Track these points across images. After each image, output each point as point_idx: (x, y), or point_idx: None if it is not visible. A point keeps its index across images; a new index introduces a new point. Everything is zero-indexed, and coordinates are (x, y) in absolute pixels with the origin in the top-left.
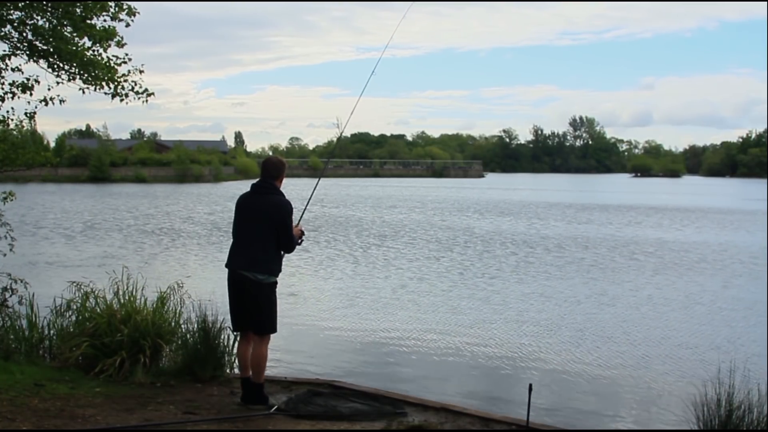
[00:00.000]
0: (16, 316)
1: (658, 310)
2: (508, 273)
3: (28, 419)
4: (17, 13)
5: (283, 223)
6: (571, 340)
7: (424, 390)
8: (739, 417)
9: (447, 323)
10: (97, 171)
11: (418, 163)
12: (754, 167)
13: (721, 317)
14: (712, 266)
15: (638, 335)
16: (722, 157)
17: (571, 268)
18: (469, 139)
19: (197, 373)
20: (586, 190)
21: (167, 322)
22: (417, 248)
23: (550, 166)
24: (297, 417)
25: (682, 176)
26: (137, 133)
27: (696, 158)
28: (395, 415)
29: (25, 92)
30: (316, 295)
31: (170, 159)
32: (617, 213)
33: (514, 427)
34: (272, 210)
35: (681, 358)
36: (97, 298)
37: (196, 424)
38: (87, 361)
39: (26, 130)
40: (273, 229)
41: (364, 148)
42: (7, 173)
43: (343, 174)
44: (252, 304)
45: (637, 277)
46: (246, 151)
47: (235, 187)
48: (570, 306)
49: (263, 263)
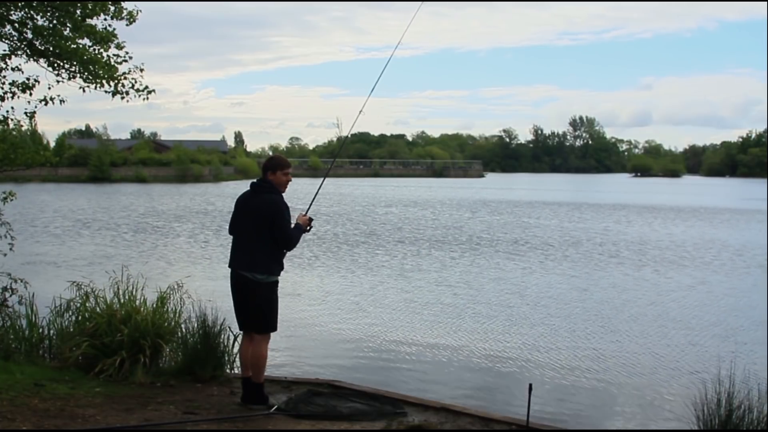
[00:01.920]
0: (16, 316)
1: (658, 310)
2: (508, 273)
3: (28, 419)
4: (17, 13)
5: (276, 222)
6: (571, 340)
7: (424, 390)
8: (739, 417)
9: (447, 323)
10: (97, 171)
11: (418, 163)
12: (754, 167)
13: (721, 317)
14: (711, 267)
15: (638, 335)
16: (722, 157)
17: (570, 269)
18: (469, 139)
19: (197, 373)
20: (583, 189)
21: (167, 322)
22: (417, 249)
23: (550, 166)
24: (297, 417)
25: (682, 176)
26: (137, 133)
27: (696, 158)
28: (395, 415)
29: (25, 92)
30: (317, 295)
31: (170, 159)
32: (617, 213)
33: (514, 427)
34: (265, 208)
35: (681, 357)
36: (97, 298)
37: (196, 424)
38: (87, 361)
39: (26, 129)
40: (268, 227)
41: (364, 148)
42: (6, 173)
43: (343, 174)
44: (252, 304)
45: (637, 277)
46: (246, 151)
47: (236, 187)
48: (570, 306)
49: (261, 263)
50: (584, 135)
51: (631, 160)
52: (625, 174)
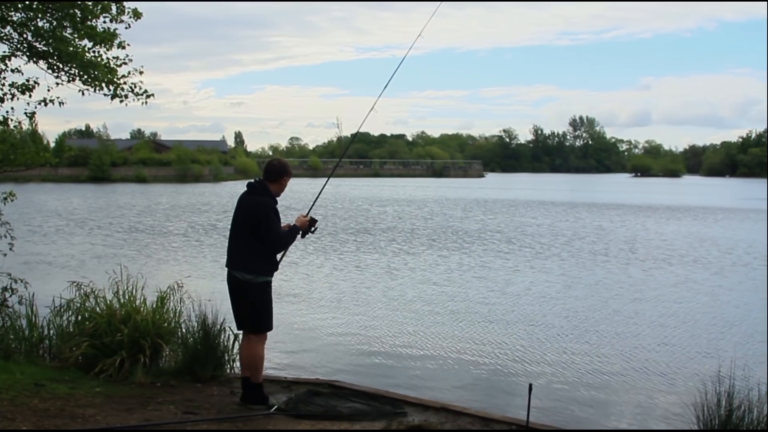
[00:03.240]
0: (16, 316)
1: (658, 310)
2: (507, 272)
3: (28, 419)
4: (18, 14)
5: (263, 224)
6: (571, 340)
7: (424, 390)
8: (739, 417)
9: (447, 323)
10: (97, 171)
11: (418, 163)
12: (754, 167)
13: (721, 317)
14: (711, 266)
15: (638, 335)
16: (722, 157)
17: (569, 268)
18: (469, 139)
19: (197, 373)
20: (583, 189)
21: (167, 322)
22: (416, 249)
23: (550, 166)
24: (297, 417)
25: (682, 176)
26: (137, 133)
27: (696, 158)
28: (395, 415)
29: (25, 93)
30: (317, 295)
31: (170, 159)
32: (615, 212)
33: (514, 427)
34: (252, 209)
35: (681, 357)
36: (97, 297)
37: (196, 424)
38: (87, 361)
39: (26, 130)
40: (255, 228)
41: (364, 148)
42: (6, 173)
43: (343, 174)
44: (244, 303)
45: (636, 277)
46: (246, 151)
47: (235, 187)
48: (570, 306)
49: (249, 263)
50: (584, 135)
51: (631, 160)
52: (625, 174)
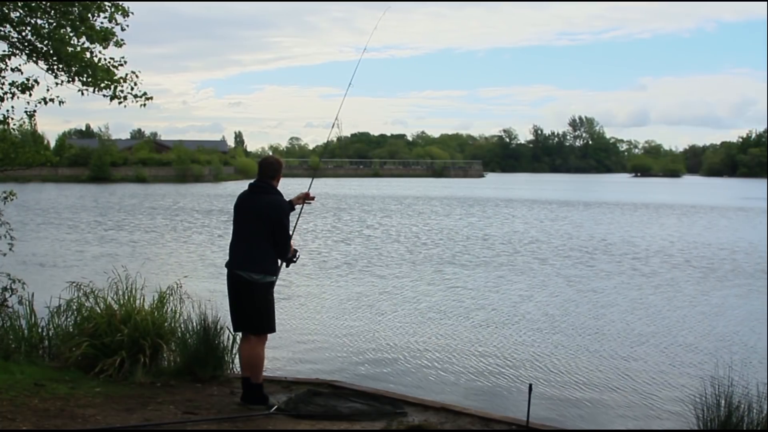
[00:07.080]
0: (15, 316)
1: (657, 310)
2: (507, 272)
3: (28, 419)
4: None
5: (279, 223)
6: (570, 340)
7: (424, 390)
8: (739, 417)
9: (447, 323)
10: (97, 171)
11: (418, 163)
12: (754, 167)
13: (721, 317)
14: (712, 266)
15: (638, 335)
16: (722, 157)
17: (569, 268)
18: (469, 139)
19: (197, 373)
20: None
21: (167, 322)
22: (416, 249)
23: (550, 166)
24: (297, 417)
25: (682, 176)
26: (137, 133)
27: (696, 158)
28: (395, 415)
29: (25, 92)
30: (317, 295)
31: (170, 159)
32: (616, 212)
33: (514, 427)
34: (268, 209)
35: (681, 358)
36: (97, 298)
37: (196, 424)
38: (87, 361)
39: (26, 129)
40: (269, 228)
41: (363, 148)
42: (7, 173)
43: (343, 174)
44: (248, 304)
45: (635, 276)
46: (246, 150)
47: (235, 187)
48: (570, 306)
49: (259, 263)
50: (584, 135)
51: (631, 160)
52: (626, 174)
